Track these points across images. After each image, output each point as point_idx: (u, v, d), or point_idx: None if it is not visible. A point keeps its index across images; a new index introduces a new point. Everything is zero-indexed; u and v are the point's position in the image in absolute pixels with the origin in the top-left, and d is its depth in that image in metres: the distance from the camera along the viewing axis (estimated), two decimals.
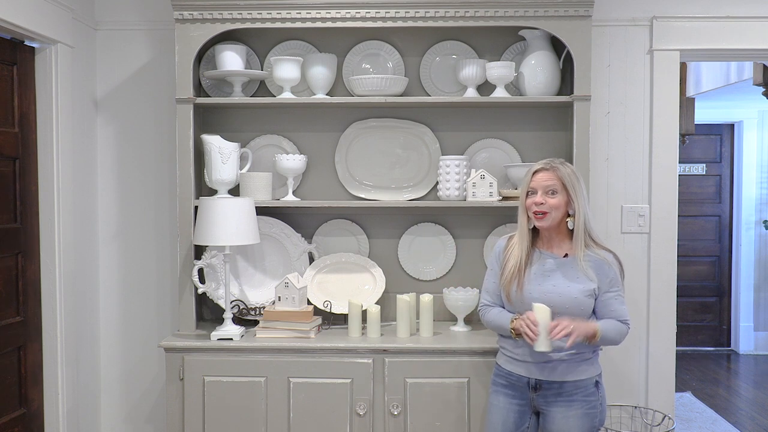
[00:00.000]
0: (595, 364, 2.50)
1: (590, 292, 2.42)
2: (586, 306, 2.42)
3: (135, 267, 3.46)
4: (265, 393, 2.87)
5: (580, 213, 2.43)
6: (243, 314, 3.15)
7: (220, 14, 3.00)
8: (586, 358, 2.46)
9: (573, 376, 2.44)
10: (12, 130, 2.92)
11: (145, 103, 3.41)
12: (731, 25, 3.28)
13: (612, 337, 2.43)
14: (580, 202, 2.43)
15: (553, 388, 2.45)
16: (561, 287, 2.43)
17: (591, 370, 2.47)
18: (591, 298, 2.42)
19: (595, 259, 2.43)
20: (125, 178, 3.44)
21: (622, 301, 2.46)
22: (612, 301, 2.44)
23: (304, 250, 3.24)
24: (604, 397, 2.51)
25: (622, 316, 2.44)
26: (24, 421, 3.00)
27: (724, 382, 5.89)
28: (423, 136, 3.29)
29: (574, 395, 2.44)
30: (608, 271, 2.42)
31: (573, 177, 2.45)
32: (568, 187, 2.43)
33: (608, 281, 2.43)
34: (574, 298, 2.41)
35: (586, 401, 2.44)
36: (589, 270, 2.42)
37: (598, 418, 2.47)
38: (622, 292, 2.47)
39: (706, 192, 6.91)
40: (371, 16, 3.00)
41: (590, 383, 2.46)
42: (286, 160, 3.14)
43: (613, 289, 2.44)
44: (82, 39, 3.28)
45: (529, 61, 3.10)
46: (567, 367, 2.44)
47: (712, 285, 6.98)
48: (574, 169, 2.49)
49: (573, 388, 2.44)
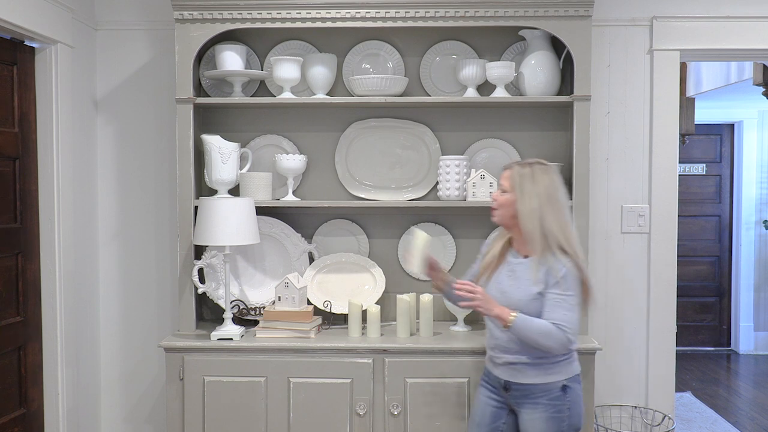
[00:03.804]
0: (563, 369, 2.45)
1: (534, 295, 2.39)
2: (531, 308, 2.38)
3: (135, 267, 3.46)
4: (265, 393, 2.87)
5: (524, 214, 2.39)
6: (243, 314, 3.15)
7: (220, 14, 3.00)
8: (552, 362, 2.43)
9: (537, 379, 2.43)
10: (12, 130, 2.92)
11: (145, 103, 3.41)
12: (731, 25, 3.28)
13: (533, 337, 2.33)
14: (525, 202, 2.39)
15: (519, 389, 2.47)
16: (510, 288, 2.45)
17: (557, 375, 2.44)
18: (535, 302, 2.39)
19: (551, 264, 2.37)
20: (125, 178, 3.44)
21: (563, 306, 2.34)
22: (549, 302, 2.35)
23: (304, 250, 3.24)
24: (574, 401, 2.46)
25: (557, 320, 2.33)
26: (24, 421, 3.00)
27: (724, 382, 5.89)
28: (423, 136, 3.29)
29: (539, 398, 2.44)
30: (556, 274, 2.35)
31: (524, 178, 2.41)
32: (516, 186, 2.42)
33: (553, 283, 2.36)
34: (518, 299, 2.41)
35: (551, 405, 2.43)
36: (540, 273, 2.38)
37: (566, 423, 2.44)
38: (568, 299, 2.34)
39: (706, 192, 6.91)
40: (371, 16, 3.00)
41: (556, 387, 2.43)
42: (286, 160, 3.14)
43: (555, 291, 2.35)
44: (82, 39, 3.28)
45: (529, 61, 3.10)
46: (531, 370, 2.44)
47: (712, 285, 6.98)
48: (538, 171, 2.42)
49: (538, 391, 2.43)
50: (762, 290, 6.80)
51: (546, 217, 2.37)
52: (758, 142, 6.74)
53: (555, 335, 2.33)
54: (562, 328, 2.33)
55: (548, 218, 2.38)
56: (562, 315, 2.34)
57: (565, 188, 2.48)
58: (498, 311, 2.37)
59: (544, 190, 2.39)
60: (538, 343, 2.35)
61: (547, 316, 2.35)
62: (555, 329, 2.33)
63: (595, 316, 3.35)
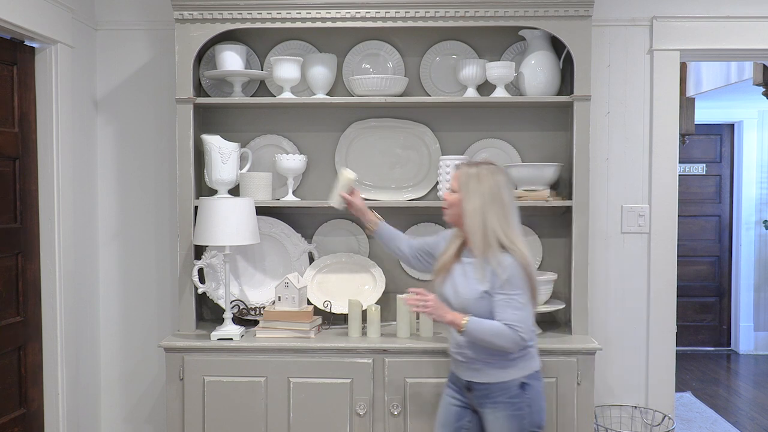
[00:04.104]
0: (520, 366, 2.45)
1: (480, 294, 2.41)
2: (479, 307, 2.41)
3: (135, 267, 3.46)
4: (265, 393, 2.87)
5: (468, 212, 2.44)
6: (243, 314, 3.15)
7: (220, 14, 3.00)
8: (508, 360, 2.44)
9: (495, 377, 2.45)
10: (12, 130, 2.92)
11: (145, 103, 3.41)
12: (731, 25, 3.28)
13: (486, 339, 2.37)
14: (470, 201, 2.43)
15: (480, 389, 2.49)
16: (460, 286, 2.48)
17: (514, 372, 2.45)
18: (483, 300, 2.41)
19: (495, 264, 2.39)
20: (125, 178, 3.44)
21: (512, 306, 2.36)
22: (498, 303, 2.38)
23: (304, 250, 3.24)
24: (534, 398, 2.46)
25: (508, 320, 2.35)
26: (24, 421, 3.00)
27: (724, 382, 5.89)
28: (423, 136, 3.29)
29: (498, 397, 2.45)
30: (501, 274, 2.37)
31: (470, 178, 2.45)
32: (462, 186, 2.47)
33: (499, 284, 2.38)
34: (465, 299, 2.45)
35: (510, 403, 2.44)
36: (486, 272, 2.41)
37: (527, 420, 2.45)
38: (516, 298, 2.37)
39: (706, 192, 6.91)
40: (371, 16, 3.00)
41: (514, 385, 2.44)
42: (286, 160, 3.14)
43: (502, 292, 2.37)
44: (82, 39, 3.28)
45: (529, 61, 3.10)
46: (489, 369, 2.46)
47: (712, 285, 6.98)
48: (484, 171, 2.45)
49: (497, 390, 2.45)
50: (762, 290, 6.80)
51: (488, 216, 2.42)
52: (758, 142, 6.74)
53: (507, 335, 2.36)
54: (514, 328, 2.36)
55: (490, 217, 2.42)
56: (511, 315, 2.36)
57: (511, 189, 2.50)
58: (450, 317, 2.42)
59: (488, 189, 2.43)
60: (493, 344, 2.39)
61: (499, 318, 2.38)
62: (507, 329, 2.36)
63: (595, 316, 3.35)
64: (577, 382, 2.85)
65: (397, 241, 2.87)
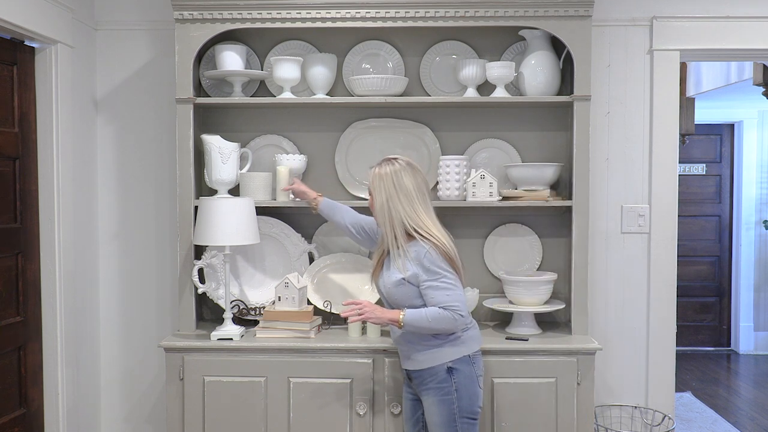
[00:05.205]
0: (446, 351, 2.51)
1: (398, 281, 2.49)
2: (400, 295, 2.51)
3: (135, 267, 3.46)
4: (265, 393, 2.87)
5: (377, 211, 2.56)
6: (243, 314, 3.15)
7: (220, 14, 3.00)
8: (434, 345, 2.50)
9: (424, 364, 2.52)
10: (12, 130, 2.92)
11: (145, 103, 3.41)
12: (731, 25, 3.28)
13: (426, 326, 2.45)
14: (376, 199, 2.54)
15: (416, 377, 2.56)
16: (384, 278, 2.58)
17: (440, 357, 2.50)
18: (401, 287, 2.49)
19: (411, 253, 2.48)
20: (125, 178, 3.44)
21: (440, 288, 2.44)
22: (427, 290, 2.46)
23: (304, 250, 3.24)
24: (462, 383, 2.50)
25: (442, 302, 2.44)
26: (24, 421, 3.00)
27: (724, 382, 5.89)
28: (423, 136, 3.29)
29: (430, 383, 2.52)
30: (422, 261, 2.45)
31: (374, 178, 2.56)
32: (370, 188, 2.58)
33: (423, 271, 2.46)
34: (387, 288, 2.55)
35: (438, 388, 2.50)
36: (408, 262, 2.48)
37: (456, 404, 2.49)
38: (443, 281, 2.45)
39: (706, 192, 6.91)
40: (371, 16, 3.00)
41: (441, 370, 2.50)
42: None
43: (428, 277, 2.45)
44: (82, 39, 3.28)
45: (529, 61, 3.10)
46: (419, 356, 2.53)
47: (712, 285, 6.98)
48: (384, 167, 2.54)
49: (427, 375, 2.52)
50: (762, 290, 6.81)
51: (393, 209, 2.51)
52: (758, 142, 6.74)
53: (444, 316, 2.43)
54: (449, 308, 2.43)
55: (396, 209, 2.51)
56: (443, 297, 2.44)
57: (416, 177, 2.55)
58: (389, 315, 2.50)
59: (390, 182, 2.52)
60: (433, 329, 2.46)
61: (432, 303, 2.45)
62: (442, 311, 2.43)
63: (595, 316, 3.35)
64: (577, 382, 2.85)
65: (339, 215, 2.95)
